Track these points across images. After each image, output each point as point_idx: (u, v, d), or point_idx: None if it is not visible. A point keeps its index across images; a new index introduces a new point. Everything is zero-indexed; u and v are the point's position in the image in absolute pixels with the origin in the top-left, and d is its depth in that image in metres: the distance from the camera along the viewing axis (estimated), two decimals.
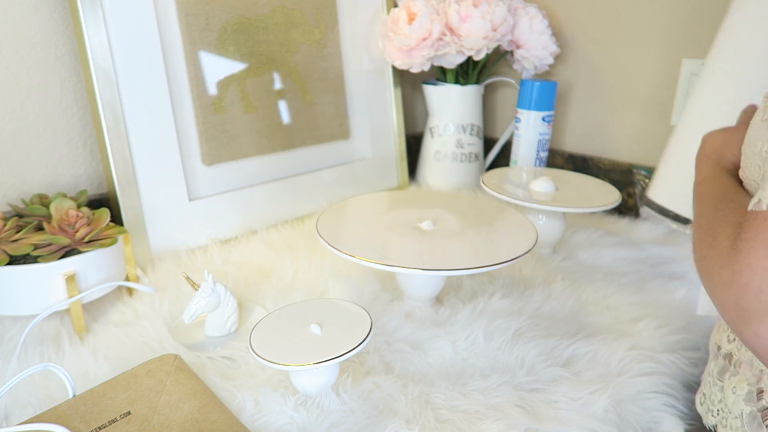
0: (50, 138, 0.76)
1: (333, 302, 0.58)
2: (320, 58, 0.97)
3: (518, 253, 0.60)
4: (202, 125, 0.84)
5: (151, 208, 0.78)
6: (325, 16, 0.96)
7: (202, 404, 0.49)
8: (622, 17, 0.96)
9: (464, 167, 1.10)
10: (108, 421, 0.47)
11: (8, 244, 0.60)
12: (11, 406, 0.51)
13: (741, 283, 0.36)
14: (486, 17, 0.93)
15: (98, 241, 0.64)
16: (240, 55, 0.86)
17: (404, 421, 0.49)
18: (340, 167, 1.01)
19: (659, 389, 0.57)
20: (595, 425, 0.50)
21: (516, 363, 0.58)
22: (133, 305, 0.67)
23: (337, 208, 0.73)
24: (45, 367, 0.50)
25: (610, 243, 0.87)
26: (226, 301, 0.62)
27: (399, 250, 0.62)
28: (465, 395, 0.53)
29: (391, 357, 0.58)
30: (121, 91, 0.74)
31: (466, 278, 0.73)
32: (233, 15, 0.85)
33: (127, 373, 0.52)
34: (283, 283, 0.73)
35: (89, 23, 0.70)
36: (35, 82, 0.74)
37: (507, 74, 1.15)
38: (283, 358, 0.49)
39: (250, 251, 0.82)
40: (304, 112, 0.96)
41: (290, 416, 0.50)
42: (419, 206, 0.75)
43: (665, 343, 0.63)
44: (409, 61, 0.99)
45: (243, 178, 0.89)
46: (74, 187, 0.79)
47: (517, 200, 0.77)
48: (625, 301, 0.71)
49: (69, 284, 0.61)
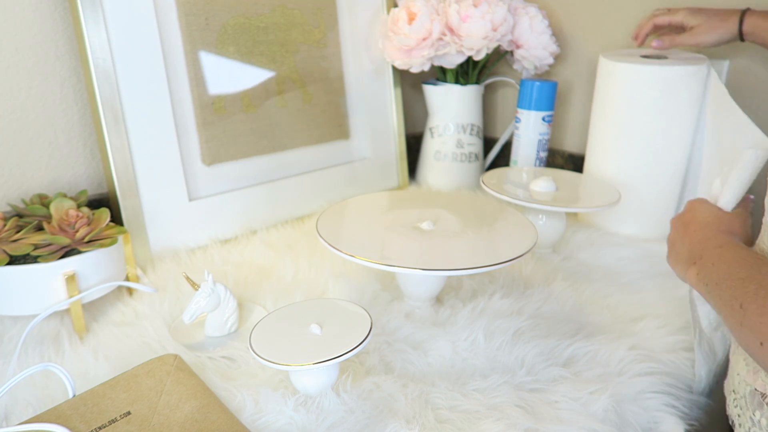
0: (50, 138, 0.76)
1: (333, 302, 0.58)
2: (320, 58, 0.97)
3: (518, 253, 0.60)
4: (202, 125, 0.84)
5: (151, 208, 0.78)
6: (325, 16, 0.96)
7: (202, 404, 0.49)
8: (622, 17, 0.96)
9: (464, 167, 1.10)
10: (108, 421, 0.47)
11: (8, 244, 0.60)
12: (11, 406, 0.51)
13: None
14: (486, 17, 0.93)
15: (98, 241, 0.64)
16: (240, 55, 0.86)
17: (404, 421, 0.49)
18: (340, 167, 1.01)
19: (659, 389, 0.57)
20: (595, 425, 0.50)
21: (516, 363, 0.58)
22: (133, 305, 0.67)
23: (337, 208, 0.73)
24: (45, 367, 0.50)
25: (610, 243, 0.87)
26: (226, 301, 0.62)
27: (399, 250, 0.62)
28: (465, 395, 0.53)
29: (391, 357, 0.58)
30: (121, 91, 0.74)
31: (466, 278, 0.73)
32: (233, 15, 0.85)
33: (127, 373, 0.52)
34: (283, 283, 0.73)
35: (89, 23, 0.70)
36: (35, 82, 0.74)
37: (507, 74, 1.15)
38: (283, 358, 0.49)
39: (250, 251, 0.82)
40: (304, 112, 0.96)
41: (290, 416, 0.50)
42: (419, 206, 0.75)
43: (665, 343, 0.63)
44: (409, 61, 0.99)
45: (243, 178, 0.89)
46: (74, 187, 0.79)
47: (517, 200, 0.77)
48: (625, 301, 0.71)
49: (69, 284, 0.61)
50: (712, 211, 0.55)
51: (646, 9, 0.93)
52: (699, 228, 0.54)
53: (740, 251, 0.47)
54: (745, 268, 0.44)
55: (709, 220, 0.54)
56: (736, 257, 0.46)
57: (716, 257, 0.48)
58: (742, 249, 0.47)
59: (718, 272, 0.47)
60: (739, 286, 0.42)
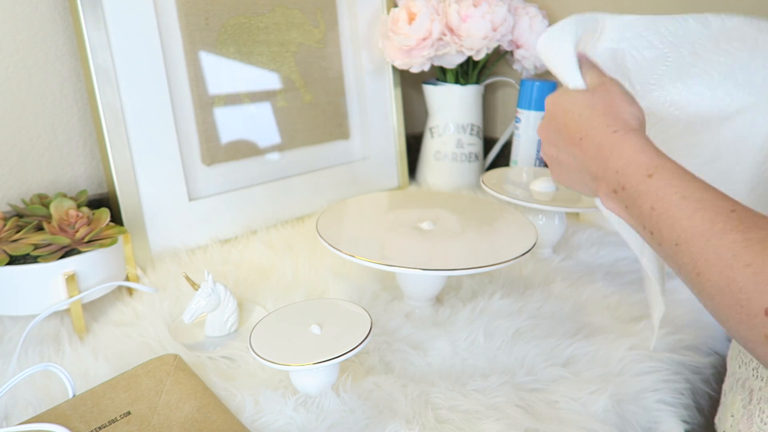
0: (50, 138, 0.76)
1: (333, 302, 0.58)
2: (320, 58, 0.97)
3: (518, 253, 0.60)
4: (202, 125, 0.84)
5: (151, 208, 0.78)
6: (325, 16, 0.96)
7: (202, 404, 0.49)
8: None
9: (464, 167, 1.10)
10: (108, 421, 0.47)
11: (8, 244, 0.60)
12: (11, 406, 0.50)
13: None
14: (486, 17, 0.93)
15: (98, 241, 0.64)
16: (240, 55, 0.86)
17: (404, 421, 0.49)
18: (340, 167, 1.01)
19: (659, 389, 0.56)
20: (595, 425, 0.50)
21: (516, 363, 0.58)
22: (133, 305, 0.67)
23: (337, 208, 0.73)
24: (45, 367, 0.50)
25: (610, 243, 0.87)
26: (226, 301, 0.62)
27: (399, 250, 0.62)
28: (465, 395, 0.53)
29: (391, 357, 0.58)
30: (121, 91, 0.74)
31: (466, 278, 0.73)
32: (233, 15, 0.85)
33: (127, 373, 0.52)
34: (283, 283, 0.73)
35: (89, 23, 0.70)
36: (35, 82, 0.74)
37: (507, 74, 1.15)
38: (283, 358, 0.49)
39: (250, 251, 0.82)
40: (304, 112, 0.96)
41: (290, 416, 0.50)
42: (419, 206, 0.75)
43: (665, 343, 0.63)
44: (409, 61, 0.99)
45: (243, 178, 0.89)
46: (74, 187, 0.79)
47: (517, 200, 0.77)
48: (625, 301, 0.71)
49: (69, 284, 0.60)
50: (579, 98, 0.44)
51: (646, 9, 0.92)
52: (584, 131, 0.42)
53: (680, 179, 0.37)
54: (704, 221, 0.34)
55: (586, 114, 0.42)
56: (683, 197, 0.36)
57: (653, 196, 0.37)
58: (679, 173, 0.37)
59: (664, 224, 0.37)
60: (707, 250, 0.34)
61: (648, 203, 0.38)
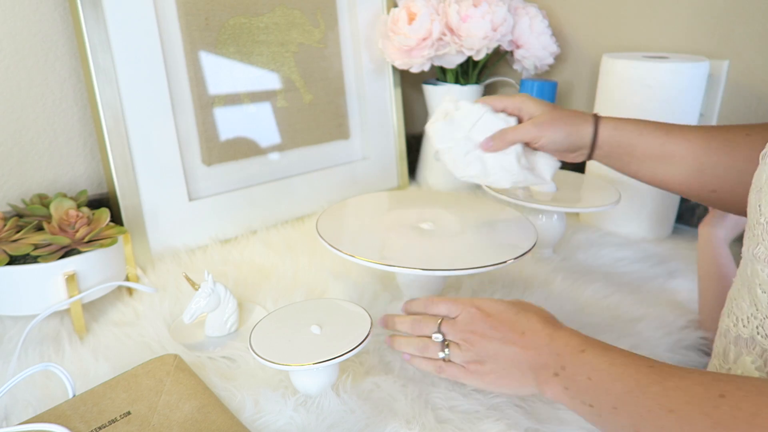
0: (50, 138, 0.76)
1: (333, 302, 0.58)
2: (320, 58, 0.97)
3: (518, 253, 0.60)
4: (202, 125, 0.84)
5: (151, 208, 0.78)
6: (325, 16, 0.96)
7: (202, 404, 0.49)
8: (622, 17, 0.96)
9: None
10: (108, 421, 0.47)
11: (8, 244, 0.60)
12: (11, 406, 0.51)
13: None
14: (486, 17, 0.93)
15: (98, 241, 0.64)
16: (240, 55, 0.86)
17: (404, 421, 0.49)
18: (340, 167, 1.01)
19: None
20: None
21: None
22: (133, 305, 0.67)
23: (337, 208, 0.73)
24: (45, 367, 0.50)
25: (610, 243, 0.87)
26: (226, 301, 0.62)
27: (399, 250, 0.62)
28: (465, 395, 0.53)
29: (391, 357, 0.58)
30: (121, 91, 0.74)
31: (466, 278, 0.73)
32: (233, 15, 0.85)
33: (127, 373, 0.52)
34: (283, 283, 0.73)
35: (89, 23, 0.70)
36: (35, 82, 0.74)
37: (507, 74, 1.15)
38: (283, 358, 0.49)
39: (250, 251, 0.82)
40: (304, 112, 0.96)
41: (290, 416, 0.50)
42: (419, 206, 0.75)
43: (665, 343, 0.63)
44: (409, 61, 0.99)
45: (243, 178, 0.89)
46: (74, 187, 0.79)
47: (517, 200, 0.77)
48: (625, 301, 0.71)
49: (69, 284, 0.61)
50: (509, 303, 0.50)
51: (646, 9, 0.93)
52: (525, 326, 0.48)
53: (606, 351, 0.43)
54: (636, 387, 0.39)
55: (522, 314, 0.49)
56: (611, 364, 0.41)
57: (588, 367, 0.43)
58: (605, 347, 0.44)
59: (600, 391, 0.41)
60: (649, 410, 0.37)
61: (585, 375, 0.43)
